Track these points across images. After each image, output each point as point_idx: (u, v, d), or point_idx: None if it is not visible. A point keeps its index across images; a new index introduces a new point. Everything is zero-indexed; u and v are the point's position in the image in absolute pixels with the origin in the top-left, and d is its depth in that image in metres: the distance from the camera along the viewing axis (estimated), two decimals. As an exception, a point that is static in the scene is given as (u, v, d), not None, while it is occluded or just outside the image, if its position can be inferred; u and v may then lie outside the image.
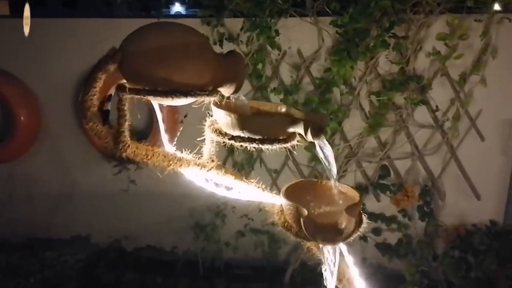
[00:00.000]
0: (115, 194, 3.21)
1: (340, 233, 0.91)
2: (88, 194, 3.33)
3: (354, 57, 2.60)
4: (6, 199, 3.36)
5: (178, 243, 3.26)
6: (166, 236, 3.24)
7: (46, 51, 3.09)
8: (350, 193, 1.06)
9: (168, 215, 3.16)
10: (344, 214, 0.91)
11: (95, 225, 3.37)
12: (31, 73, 3.16)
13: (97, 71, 0.89)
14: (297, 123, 0.99)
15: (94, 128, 0.93)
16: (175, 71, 0.92)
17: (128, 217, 3.30)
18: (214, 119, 1.08)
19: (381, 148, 2.93)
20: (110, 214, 3.32)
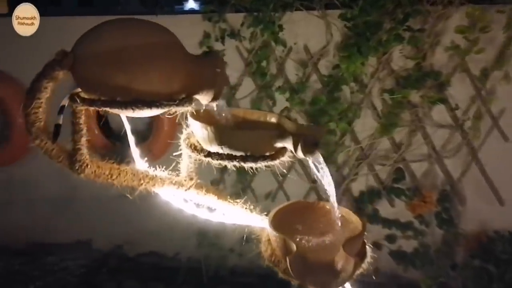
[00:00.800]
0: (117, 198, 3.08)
1: (335, 275, 0.74)
2: (89, 198, 3.20)
3: (365, 52, 2.41)
4: (5, 204, 3.27)
5: (181, 249, 3.13)
6: (169, 242, 3.11)
7: (49, 50, 2.97)
8: (352, 219, 0.89)
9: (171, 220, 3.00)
10: (341, 252, 0.75)
11: (97, 230, 3.26)
12: (30, 74, 3.03)
13: (41, 79, 0.74)
14: (286, 137, 0.83)
15: (42, 146, 0.78)
16: (135, 78, 0.76)
17: (130, 222, 3.17)
18: (191, 132, 0.93)
19: (395, 150, 2.74)
20: (112, 219, 3.20)
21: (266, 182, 2.86)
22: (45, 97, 0.75)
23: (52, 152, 0.80)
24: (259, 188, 2.89)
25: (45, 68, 0.74)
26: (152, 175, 0.94)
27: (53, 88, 0.75)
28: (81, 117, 0.80)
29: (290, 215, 0.92)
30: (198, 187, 0.99)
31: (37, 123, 0.76)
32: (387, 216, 2.82)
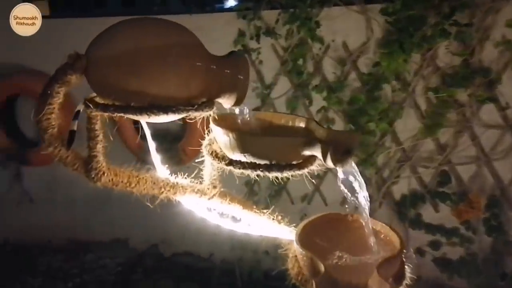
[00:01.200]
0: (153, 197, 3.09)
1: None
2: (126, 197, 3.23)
3: (407, 49, 2.28)
4: (47, 202, 3.35)
5: (216, 251, 3.10)
6: (204, 242, 3.08)
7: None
8: (390, 235, 0.80)
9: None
10: (375, 275, 0.66)
11: (133, 229, 3.28)
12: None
13: (52, 84, 0.70)
14: (314, 144, 0.75)
15: (56, 154, 0.74)
16: (151, 81, 0.71)
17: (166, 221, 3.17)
18: (213, 138, 0.87)
19: (440, 152, 2.59)
20: (148, 218, 3.21)
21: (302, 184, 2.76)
22: (57, 103, 0.71)
23: (67, 160, 0.76)
24: (295, 190, 2.81)
25: (57, 72, 0.70)
26: (173, 183, 0.89)
27: (66, 93, 0.71)
28: (97, 123, 0.76)
29: (320, 229, 0.84)
30: (222, 195, 0.93)
31: (49, 130, 0.72)
32: (430, 222, 2.68)
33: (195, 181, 0.92)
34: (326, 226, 0.86)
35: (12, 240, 3.47)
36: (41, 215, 3.33)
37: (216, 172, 0.91)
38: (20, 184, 3.27)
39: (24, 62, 3.11)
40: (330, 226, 0.86)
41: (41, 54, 3.01)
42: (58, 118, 0.72)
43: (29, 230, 3.33)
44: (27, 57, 3.09)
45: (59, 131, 0.73)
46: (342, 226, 0.86)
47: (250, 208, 0.94)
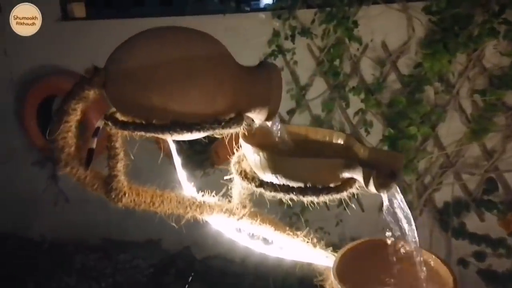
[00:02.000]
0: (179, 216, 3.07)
1: None
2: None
3: (452, 49, 2.14)
4: (83, 201, 3.39)
5: (249, 255, 3.03)
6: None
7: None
8: (440, 269, 0.71)
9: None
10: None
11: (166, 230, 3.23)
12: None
13: (69, 100, 0.65)
14: (355, 167, 0.67)
15: (73, 174, 0.69)
16: (173, 97, 0.64)
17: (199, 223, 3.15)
18: (242, 154, 0.80)
19: (486, 158, 2.43)
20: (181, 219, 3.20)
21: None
22: (74, 120, 0.66)
23: (86, 180, 0.71)
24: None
25: (74, 87, 0.65)
26: (200, 202, 0.83)
27: (83, 109, 0.66)
28: (117, 140, 0.71)
29: (361, 257, 0.76)
30: (252, 216, 0.86)
31: (66, 149, 0.67)
32: (475, 231, 2.52)
33: (224, 200, 0.86)
34: (368, 254, 0.78)
35: (49, 238, 3.53)
36: (76, 214, 3.37)
37: (246, 190, 0.85)
38: (56, 184, 3.32)
39: (60, 63, 3.15)
40: (373, 254, 0.77)
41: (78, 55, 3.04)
42: (75, 136, 0.67)
43: (65, 229, 3.38)
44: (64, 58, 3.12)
45: (77, 149, 0.68)
46: (387, 254, 0.77)
47: (283, 229, 0.87)
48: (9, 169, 3.44)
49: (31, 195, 3.42)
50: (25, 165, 3.34)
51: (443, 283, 0.67)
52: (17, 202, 3.51)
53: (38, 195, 3.38)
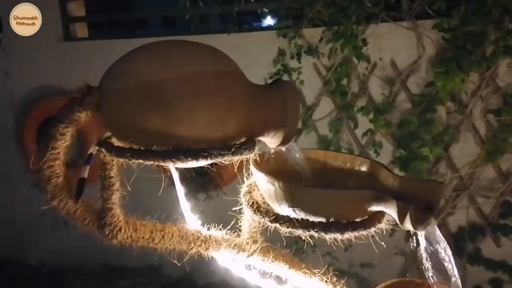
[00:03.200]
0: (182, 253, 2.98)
1: None
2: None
3: (466, 67, 2.06)
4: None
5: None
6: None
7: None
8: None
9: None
10: None
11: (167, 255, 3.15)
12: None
13: (57, 124, 0.57)
14: (386, 200, 0.58)
15: (62, 207, 0.61)
16: (176, 120, 0.56)
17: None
18: (254, 183, 0.71)
19: (502, 180, 2.33)
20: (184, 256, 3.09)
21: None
22: (63, 146, 0.57)
23: (76, 214, 0.62)
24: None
25: (63, 109, 0.56)
26: (205, 237, 0.74)
27: (73, 134, 0.58)
28: (112, 169, 0.62)
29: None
30: (264, 251, 0.77)
31: (53, 179, 0.59)
32: (491, 257, 2.41)
33: (232, 234, 0.76)
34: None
35: (47, 263, 3.42)
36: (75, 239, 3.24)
37: (257, 223, 0.75)
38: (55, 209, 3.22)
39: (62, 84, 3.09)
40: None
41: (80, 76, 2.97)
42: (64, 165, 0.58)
43: (64, 254, 3.27)
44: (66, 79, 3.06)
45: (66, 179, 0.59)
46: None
47: (299, 267, 0.77)
48: (7, 192, 3.36)
49: (29, 219, 3.33)
50: (24, 188, 3.25)
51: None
52: (15, 226, 3.42)
53: (36, 218, 3.28)
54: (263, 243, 0.77)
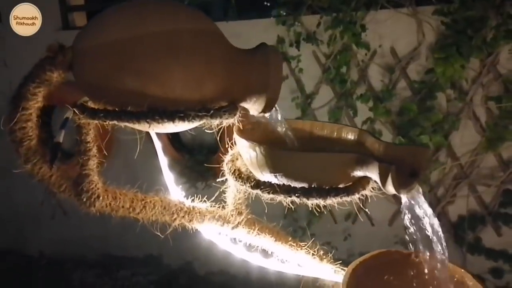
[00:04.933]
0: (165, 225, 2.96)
1: None
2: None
3: (466, 53, 2.03)
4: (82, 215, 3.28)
5: (252, 270, 2.90)
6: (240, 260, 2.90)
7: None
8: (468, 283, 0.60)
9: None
10: None
11: (167, 245, 3.13)
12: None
13: (28, 83, 0.55)
14: (369, 163, 0.56)
15: (36, 172, 0.59)
16: (152, 79, 0.54)
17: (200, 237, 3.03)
18: (237, 153, 0.69)
19: (503, 169, 2.30)
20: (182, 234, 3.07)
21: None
22: (34, 107, 0.55)
23: (51, 179, 0.60)
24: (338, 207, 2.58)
25: (33, 69, 0.54)
26: (189, 208, 0.72)
27: (46, 95, 0.56)
28: (89, 133, 0.60)
29: (375, 272, 0.65)
30: (249, 224, 0.75)
31: (26, 142, 0.57)
32: (492, 246, 2.38)
33: (217, 206, 0.75)
34: (383, 267, 0.66)
35: (47, 254, 3.42)
36: (75, 229, 3.26)
37: (242, 194, 0.74)
38: (54, 197, 3.22)
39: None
40: (389, 268, 0.66)
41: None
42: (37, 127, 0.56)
43: (63, 244, 3.27)
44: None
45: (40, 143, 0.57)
46: (404, 268, 0.66)
47: (285, 240, 0.75)
48: (6, 183, 3.36)
49: (29, 209, 3.33)
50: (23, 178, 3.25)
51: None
52: (14, 217, 3.42)
53: (35, 209, 3.28)
54: (248, 215, 0.75)
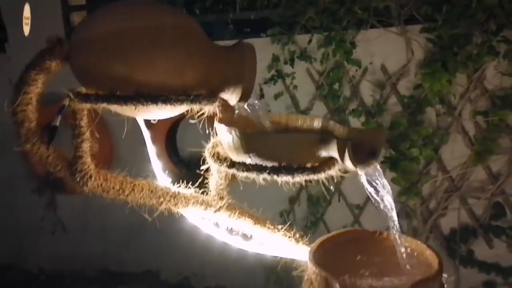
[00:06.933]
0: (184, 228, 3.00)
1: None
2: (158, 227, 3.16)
3: (451, 68, 2.12)
4: (81, 231, 3.33)
5: (249, 285, 2.93)
6: (237, 275, 2.92)
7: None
8: (426, 254, 0.65)
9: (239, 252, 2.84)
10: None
11: (165, 260, 3.18)
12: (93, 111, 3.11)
13: (29, 70, 0.62)
14: (329, 142, 0.63)
15: (35, 152, 0.66)
16: (137, 66, 0.62)
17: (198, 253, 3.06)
18: (218, 141, 0.76)
19: (492, 181, 2.35)
20: (180, 249, 3.11)
21: (341, 214, 2.60)
22: (34, 92, 0.63)
23: (48, 160, 0.67)
24: (333, 220, 2.63)
25: (34, 58, 0.62)
26: (174, 192, 0.79)
27: (45, 82, 0.64)
28: (83, 118, 0.68)
29: (342, 248, 0.71)
30: (230, 208, 0.81)
31: (26, 123, 0.64)
32: (484, 259, 2.41)
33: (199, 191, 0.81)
34: (349, 244, 0.72)
35: (47, 270, 3.45)
36: (74, 244, 3.30)
37: (224, 181, 0.80)
38: (54, 213, 3.28)
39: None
40: (355, 244, 0.72)
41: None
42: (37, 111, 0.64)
43: (62, 260, 3.30)
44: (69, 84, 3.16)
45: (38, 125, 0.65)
46: (369, 245, 0.72)
47: (263, 223, 0.81)
48: (8, 198, 3.42)
49: (29, 225, 3.38)
50: (24, 194, 3.31)
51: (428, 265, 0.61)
52: (15, 232, 3.46)
53: (36, 224, 3.34)
54: (229, 200, 0.81)
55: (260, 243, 0.82)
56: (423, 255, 0.64)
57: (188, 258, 3.05)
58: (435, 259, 0.60)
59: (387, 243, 0.69)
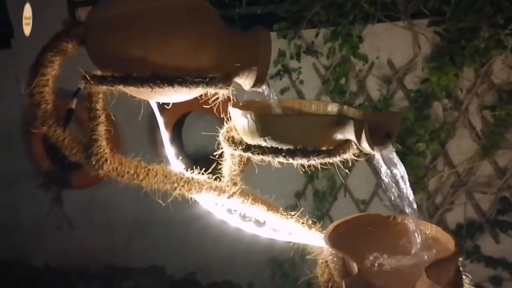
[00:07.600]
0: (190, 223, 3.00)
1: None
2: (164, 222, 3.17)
3: (459, 62, 2.11)
4: (87, 226, 3.34)
5: (255, 280, 2.93)
6: (243, 270, 2.93)
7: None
8: (442, 238, 0.65)
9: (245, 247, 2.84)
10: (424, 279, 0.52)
11: (171, 255, 3.19)
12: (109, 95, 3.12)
13: (46, 52, 0.63)
14: (346, 124, 0.63)
15: (51, 134, 0.66)
16: (153, 48, 0.62)
17: (204, 248, 3.07)
18: (232, 125, 0.76)
19: (499, 176, 2.34)
20: (186, 245, 3.12)
21: (347, 208, 2.60)
22: (51, 74, 0.63)
23: (64, 142, 0.68)
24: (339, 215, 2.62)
25: (51, 40, 0.63)
26: (187, 178, 0.79)
27: (61, 64, 0.64)
28: (99, 101, 0.68)
29: (356, 232, 0.71)
30: (244, 194, 0.81)
31: (43, 105, 0.64)
32: (491, 254, 2.40)
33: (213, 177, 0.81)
34: (363, 229, 0.72)
35: (53, 265, 3.46)
36: (80, 239, 3.31)
37: (237, 167, 0.80)
38: (60, 208, 3.29)
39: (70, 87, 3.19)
40: (369, 229, 0.72)
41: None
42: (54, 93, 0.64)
43: (68, 255, 3.31)
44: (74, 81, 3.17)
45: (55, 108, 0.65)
46: (383, 229, 0.72)
47: (276, 210, 0.81)
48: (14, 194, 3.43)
49: (35, 221, 3.39)
50: (30, 190, 3.33)
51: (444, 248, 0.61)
52: (20, 228, 3.48)
53: (41, 220, 3.35)
54: (243, 185, 0.81)
55: (273, 229, 0.82)
56: (439, 238, 0.64)
57: (194, 253, 3.06)
58: (451, 242, 0.60)
59: (401, 227, 0.69)
